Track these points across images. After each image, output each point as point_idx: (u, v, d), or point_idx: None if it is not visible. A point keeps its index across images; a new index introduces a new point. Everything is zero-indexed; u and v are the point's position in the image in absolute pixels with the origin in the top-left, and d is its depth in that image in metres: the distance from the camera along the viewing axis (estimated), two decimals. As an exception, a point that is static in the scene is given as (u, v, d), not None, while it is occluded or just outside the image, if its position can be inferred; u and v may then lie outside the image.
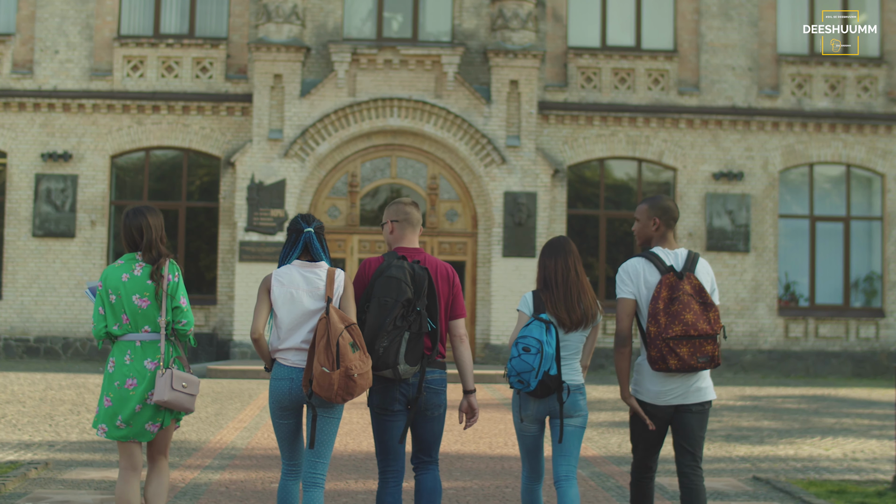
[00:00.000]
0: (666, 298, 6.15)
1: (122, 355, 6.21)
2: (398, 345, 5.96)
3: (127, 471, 6.28)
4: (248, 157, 22.18)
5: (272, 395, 6.11)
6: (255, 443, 11.42)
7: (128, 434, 6.18)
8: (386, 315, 5.96)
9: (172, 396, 6.09)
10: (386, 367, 5.98)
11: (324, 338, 5.84)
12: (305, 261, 6.16)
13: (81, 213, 22.69)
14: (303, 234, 6.14)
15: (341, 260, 22.43)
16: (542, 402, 6.32)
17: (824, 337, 23.23)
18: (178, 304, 6.23)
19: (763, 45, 23.60)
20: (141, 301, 6.20)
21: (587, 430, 12.82)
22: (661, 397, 6.26)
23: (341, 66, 22.27)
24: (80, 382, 17.40)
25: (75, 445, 10.90)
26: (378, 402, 6.19)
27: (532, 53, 22.39)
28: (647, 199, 6.57)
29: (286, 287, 6.09)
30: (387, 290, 5.99)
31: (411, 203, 6.45)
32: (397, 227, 6.37)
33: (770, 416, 14.83)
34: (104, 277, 6.28)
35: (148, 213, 6.35)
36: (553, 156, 22.95)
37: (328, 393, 5.81)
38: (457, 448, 11.17)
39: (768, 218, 23.26)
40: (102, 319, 6.25)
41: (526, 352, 6.10)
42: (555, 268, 6.41)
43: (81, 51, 22.96)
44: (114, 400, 6.17)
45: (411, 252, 6.30)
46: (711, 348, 6.09)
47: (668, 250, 6.38)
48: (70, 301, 22.50)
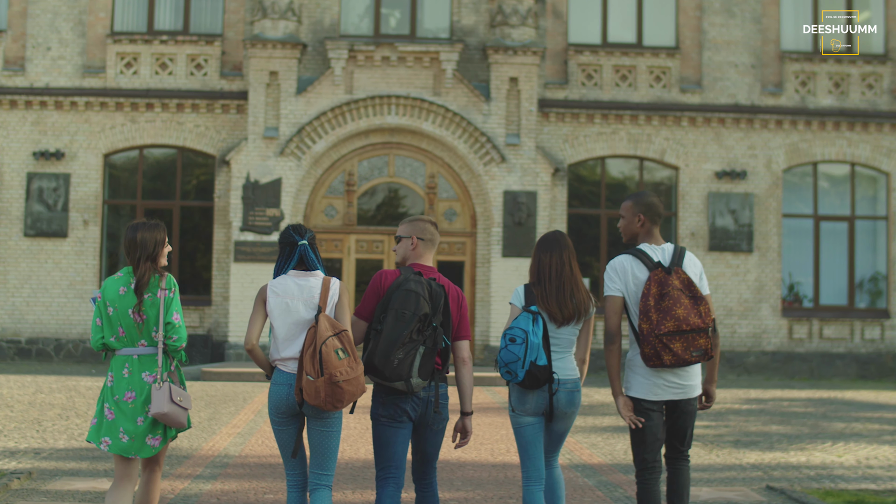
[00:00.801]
0: (656, 294, 6.16)
1: (121, 369, 6.23)
2: (412, 358, 5.96)
3: (122, 480, 6.28)
4: (244, 156, 21.80)
5: (271, 401, 6.11)
6: (249, 450, 11.04)
7: (130, 448, 6.18)
8: (403, 327, 5.96)
9: (170, 409, 6.10)
10: (399, 378, 5.96)
11: (310, 346, 5.87)
12: (300, 270, 6.19)
13: (74, 213, 22.29)
14: (297, 246, 6.18)
15: (338, 260, 22.05)
16: (541, 396, 6.26)
17: (829, 338, 22.87)
18: (171, 319, 6.23)
19: (766, 41, 23.23)
20: (136, 316, 6.21)
21: (591, 436, 12.46)
22: (653, 392, 6.27)
23: (338, 63, 21.89)
24: (72, 385, 17.02)
25: (62, 453, 10.52)
26: (385, 413, 6.14)
27: (532, 50, 22.02)
28: (631, 196, 6.58)
29: (281, 297, 6.12)
30: (405, 303, 6.00)
31: (430, 221, 6.49)
32: (421, 245, 6.41)
33: (778, 421, 14.46)
34: (103, 289, 6.29)
35: (142, 229, 6.33)
36: (553, 154, 22.58)
37: (317, 401, 5.82)
38: (457, 455, 10.80)
39: (772, 217, 22.89)
40: (99, 331, 6.26)
41: (512, 342, 6.11)
42: (549, 262, 6.38)
43: (74, 47, 22.57)
44: (116, 412, 6.19)
45: (427, 270, 6.34)
46: (704, 341, 6.11)
47: (655, 246, 6.40)
48: (62, 302, 22.11)
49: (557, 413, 6.31)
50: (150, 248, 6.27)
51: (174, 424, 6.18)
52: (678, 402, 6.30)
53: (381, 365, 5.92)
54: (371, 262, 22.37)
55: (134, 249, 6.26)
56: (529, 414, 6.29)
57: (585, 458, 10.86)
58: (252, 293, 21.17)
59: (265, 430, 12.35)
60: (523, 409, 6.29)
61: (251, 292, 21.29)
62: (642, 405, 6.26)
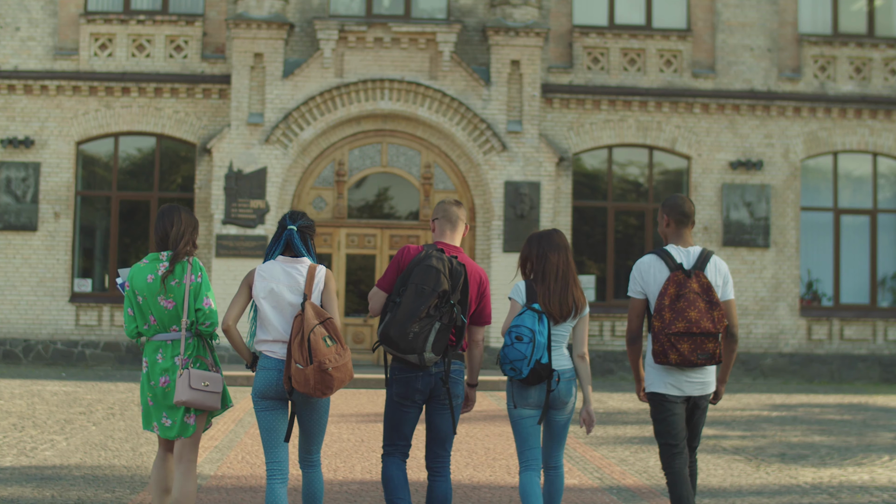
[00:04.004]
0: (672, 295, 6.29)
1: (154, 354, 6.34)
2: (427, 333, 6.02)
3: (166, 453, 6.49)
4: (226, 144, 20.30)
5: (257, 385, 6.12)
6: (227, 468, 9.54)
7: (175, 431, 6.30)
8: (422, 302, 6.00)
9: (191, 396, 6.18)
10: (413, 351, 6.01)
11: (298, 334, 5.92)
12: (288, 256, 6.25)
13: (44, 205, 20.76)
14: (285, 230, 6.25)
15: (328, 256, 20.57)
16: (540, 390, 6.37)
17: (850, 339, 21.47)
18: (201, 305, 6.34)
19: (783, 24, 21.82)
20: (166, 302, 6.32)
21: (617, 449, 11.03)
22: (675, 388, 6.39)
23: (328, 44, 20.41)
24: (36, 391, 15.51)
25: (5, 473, 9.00)
26: (399, 391, 6.23)
27: (535, 31, 20.58)
28: (665, 199, 6.74)
29: (267, 281, 6.17)
30: (425, 279, 6.04)
31: (454, 202, 6.62)
32: (437, 224, 6.57)
33: (817, 430, 13.02)
34: (130, 277, 6.39)
35: (174, 212, 6.47)
36: (557, 143, 21.14)
37: (306, 388, 5.87)
38: (469, 474, 9.36)
39: (789, 210, 21.48)
40: (133, 321, 6.38)
41: (518, 340, 6.23)
42: (556, 263, 6.47)
43: (45, 28, 21.03)
44: (154, 398, 6.33)
45: (450, 249, 6.42)
46: (713, 346, 6.24)
47: (682, 248, 6.50)
48: (32, 300, 20.57)
49: (557, 403, 6.42)
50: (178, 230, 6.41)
51: (203, 409, 6.28)
52: (696, 397, 6.44)
53: (396, 336, 5.98)
54: (362, 257, 20.91)
55: (167, 233, 6.40)
56: (531, 407, 6.40)
57: (618, 478, 9.41)
58: (235, 290, 19.72)
59: (246, 444, 10.88)
60: (525, 404, 6.39)
61: (234, 289, 19.82)
62: (665, 398, 6.39)
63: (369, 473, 9.41)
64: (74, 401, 14.37)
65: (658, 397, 6.40)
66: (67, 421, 12.32)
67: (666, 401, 6.36)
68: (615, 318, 20.85)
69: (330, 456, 10.20)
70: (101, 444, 10.66)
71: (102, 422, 12.35)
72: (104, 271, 21.18)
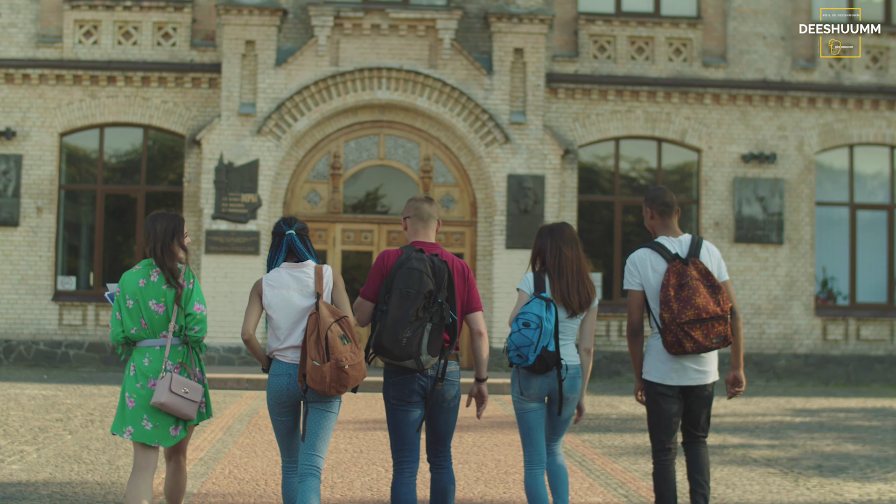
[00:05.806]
0: (675, 285, 6.32)
1: (142, 359, 6.30)
2: (420, 335, 5.95)
3: (141, 470, 6.29)
4: (216, 135, 19.39)
5: (270, 392, 6.16)
6: (212, 484, 8.62)
7: (153, 436, 6.23)
8: (409, 306, 5.92)
9: (169, 399, 6.12)
10: (409, 357, 5.94)
11: (314, 332, 5.90)
12: (292, 262, 6.24)
13: (26, 199, 19.83)
14: (284, 237, 6.23)
15: (323, 252, 19.66)
16: (544, 380, 6.40)
17: (866, 339, 20.61)
18: (192, 310, 6.34)
19: (797, 11, 20.95)
20: (157, 307, 6.30)
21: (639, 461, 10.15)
22: (670, 377, 6.43)
23: (322, 31, 19.50)
24: (13, 395, 14.59)
25: (-32, 490, 8.11)
26: (395, 393, 6.14)
27: (539, 18, 19.69)
28: (645, 194, 6.74)
29: (277, 289, 6.17)
30: (409, 282, 5.95)
31: (424, 199, 6.52)
32: (410, 223, 6.48)
33: (848, 439, 12.13)
34: (122, 283, 6.37)
35: (158, 219, 6.42)
36: (562, 134, 20.25)
37: (321, 386, 5.87)
38: (481, 490, 8.47)
39: (804, 205, 20.61)
40: (119, 324, 6.33)
41: (526, 327, 6.21)
42: (571, 257, 6.49)
43: (27, 14, 20.10)
44: (138, 399, 6.25)
45: (428, 246, 6.35)
46: (723, 328, 6.28)
47: (672, 238, 6.55)
48: (13, 299, 19.65)
49: (562, 398, 6.42)
50: (166, 236, 6.35)
51: (178, 415, 6.21)
52: (693, 387, 6.45)
53: (389, 345, 5.90)
54: (359, 253, 20.00)
55: (148, 240, 6.37)
56: (533, 399, 6.43)
57: (645, 494, 8.51)
58: (226, 289, 18.91)
59: (235, 456, 9.98)
60: (528, 394, 6.41)
61: (224, 287, 18.93)
62: (657, 389, 6.44)
63: (370, 490, 8.51)
64: (53, 406, 13.46)
65: (653, 387, 6.46)
66: (42, 429, 11.41)
67: (658, 392, 6.43)
68: (622, 317, 19.99)
69: (326, 469, 9.31)
70: (75, 457, 9.75)
71: (79, 430, 11.44)
72: (89, 269, 20.26)
